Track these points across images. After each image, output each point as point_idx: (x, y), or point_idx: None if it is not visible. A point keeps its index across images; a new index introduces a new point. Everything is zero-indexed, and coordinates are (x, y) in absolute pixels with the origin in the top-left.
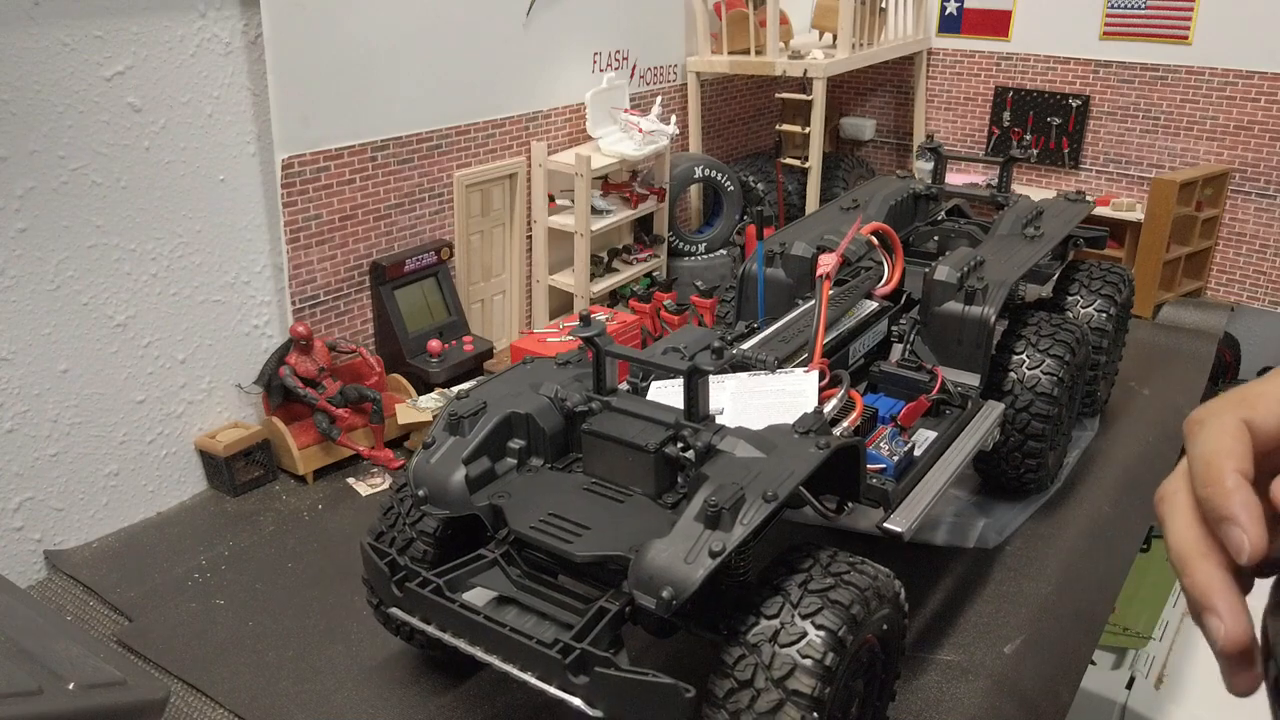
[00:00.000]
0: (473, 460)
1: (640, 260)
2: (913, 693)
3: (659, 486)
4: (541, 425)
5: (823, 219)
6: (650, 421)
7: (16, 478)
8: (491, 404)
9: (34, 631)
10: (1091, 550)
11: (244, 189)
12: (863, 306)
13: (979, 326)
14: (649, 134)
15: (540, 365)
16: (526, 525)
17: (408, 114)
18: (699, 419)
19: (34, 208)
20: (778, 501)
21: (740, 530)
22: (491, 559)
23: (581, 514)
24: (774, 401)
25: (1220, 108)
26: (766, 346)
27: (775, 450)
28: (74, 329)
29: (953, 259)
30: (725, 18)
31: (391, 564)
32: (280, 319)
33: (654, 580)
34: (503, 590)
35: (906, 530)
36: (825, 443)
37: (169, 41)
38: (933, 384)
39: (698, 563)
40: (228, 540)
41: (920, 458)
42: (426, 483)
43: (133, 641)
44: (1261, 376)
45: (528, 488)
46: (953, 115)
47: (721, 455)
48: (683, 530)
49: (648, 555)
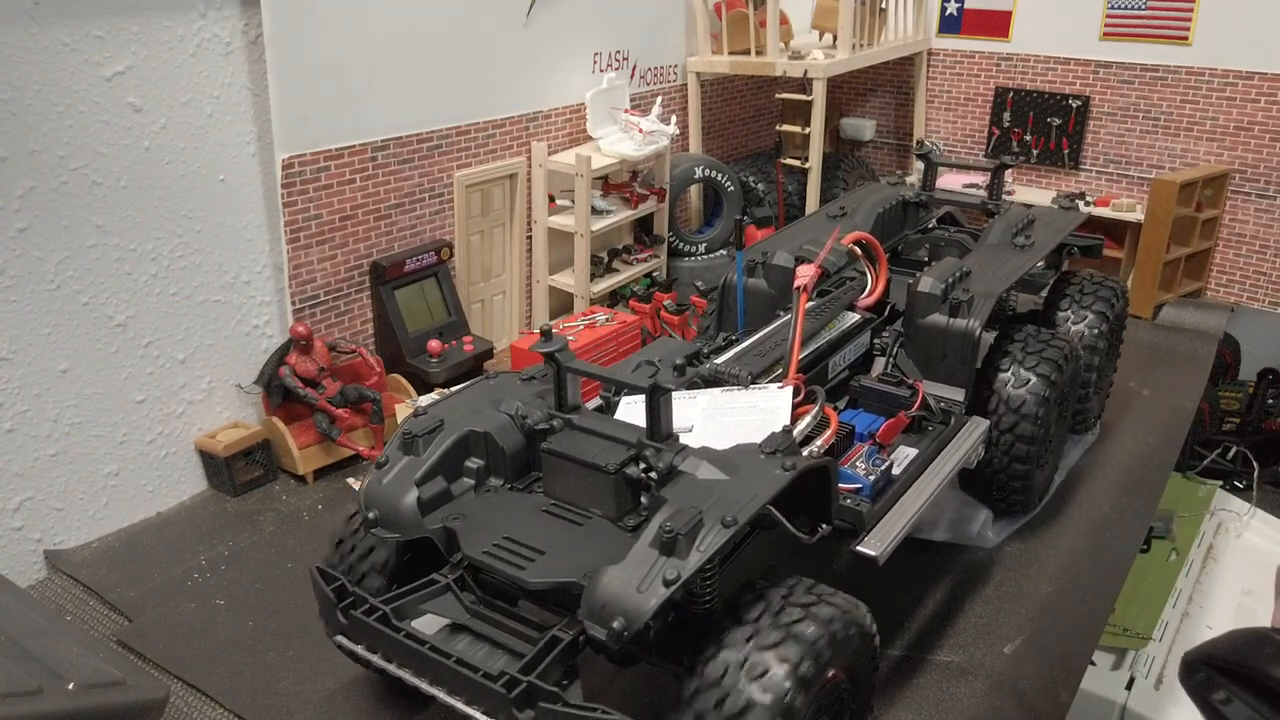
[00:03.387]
0: (427, 481)
1: (640, 260)
2: (913, 693)
3: (620, 509)
4: (500, 444)
5: (808, 226)
6: (612, 441)
7: (16, 478)
8: (449, 422)
9: (34, 631)
10: (1091, 550)
11: (244, 189)
12: (844, 319)
13: (963, 340)
14: (649, 134)
15: (504, 381)
16: (479, 550)
17: (408, 114)
18: (661, 438)
19: (34, 208)
20: (736, 526)
21: (697, 557)
22: (444, 584)
23: (538, 538)
24: (745, 419)
25: (1220, 108)
26: (742, 360)
27: (739, 472)
28: (74, 329)
29: (937, 270)
30: (725, 18)
31: (339, 589)
32: (280, 319)
33: (605, 610)
34: (455, 617)
35: (881, 554)
36: (791, 464)
37: (169, 41)
38: (913, 400)
39: (650, 592)
40: (228, 540)
41: (899, 476)
42: (378, 505)
43: (133, 641)
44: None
45: (484, 509)
46: (953, 116)
47: (683, 477)
48: (637, 557)
49: (600, 583)
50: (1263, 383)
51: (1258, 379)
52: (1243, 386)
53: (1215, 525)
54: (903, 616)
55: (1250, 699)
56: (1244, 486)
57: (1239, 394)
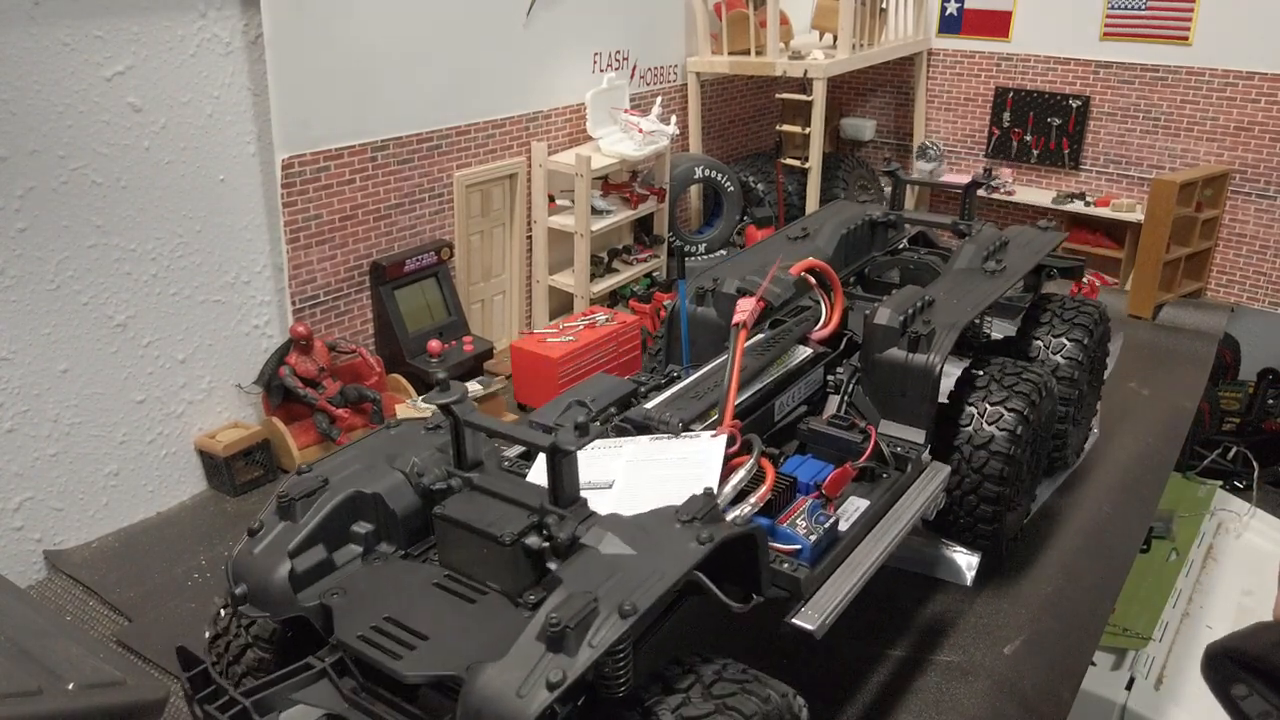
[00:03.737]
0: (303, 550)
1: (640, 260)
2: (913, 693)
3: (518, 583)
4: (392, 506)
5: (768, 249)
6: (514, 504)
7: (16, 478)
8: (334, 481)
9: (34, 631)
10: (1091, 550)
11: (244, 189)
12: (796, 353)
13: (923, 377)
14: (649, 134)
15: (405, 431)
16: (354, 634)
17: (408, 114)
18: (565, 504)
19: (34, 208)
20: (635, 616)
21: (587, 653)
22: (320, 669)
23: (423, 619)
24: (672, 473)
25: (1220, 108)
26: (676, 404)
27: (649, 545)
28: (74, 329)
29: (896, 299)
30: (725, 18)
31: (196, 678)
32: (280, 319)
33: (482, 715)
34: (332, 707)
35: (818, 627)
36: (708, 536)
37: (169, 41)
38: (865, 446)
39: (530, 697)
40: (228, 540)
41: (845, 533)
42: (246, 579)
43: (132, 641)
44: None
45: (370, 582)
46: (953, 116)
47: (584, 551)
48: (520, 653)
49: (478, 683)
50: (1263, 383)
51: (1258, 379)
52: (1243, 386)
53: (1215, 525)
54: (903, 616)
55: (1266, 692)
56: (1244, 486)
57: (1239, 394)
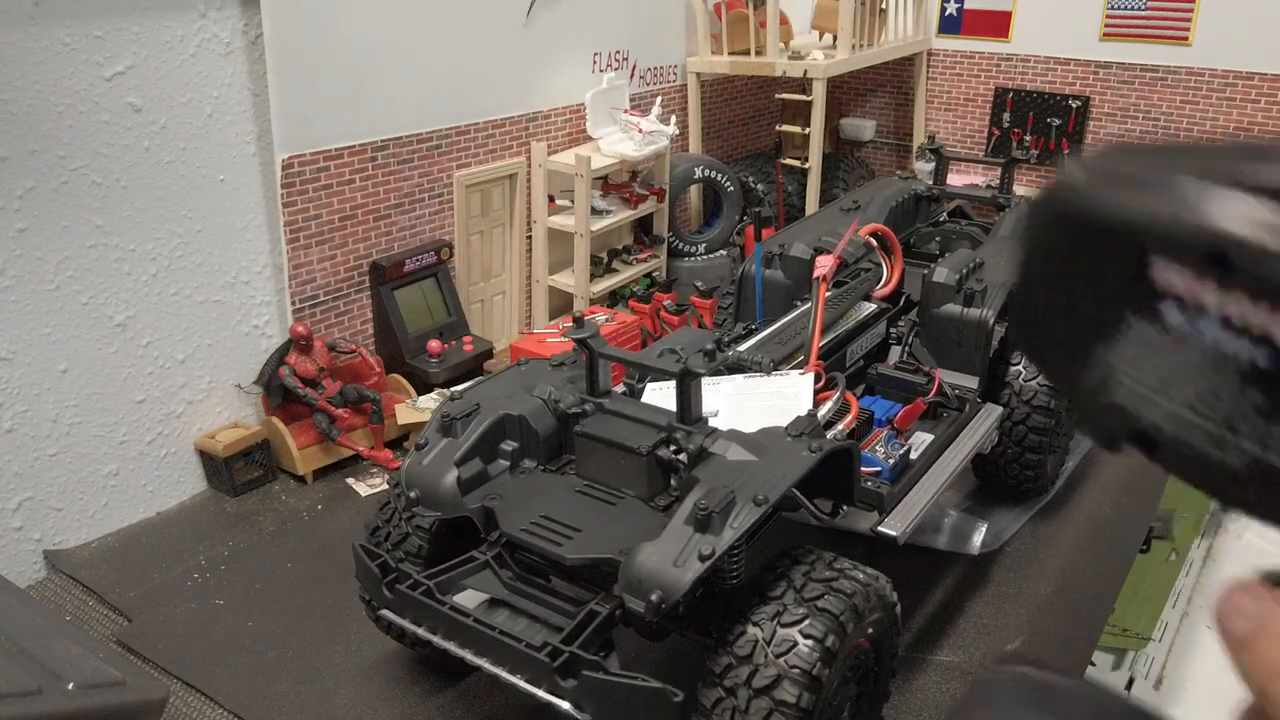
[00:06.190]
0: (465, 462)
1: (640, 261)
2: (912, 693)
3: (651, 489)
4: (535, 427)
5: (822, 220)
6: (643, 424)
7: (16, 478)
8: (485, 406)
9: (34, 632)
10: (1091, 550)
11: (244, 189)
12: (861, 308)
13: (977, 329)
14: (649, 134)
15: (535, 367)
16: (518, 528)
17: (408, 114)
18: (691, 422)
19: (34, 208)
20: (768, 505)
21: (730, 534)
22: (483, 561)
23: (573, 516)
24: (769, 404)
25: (1220, 109)
26: (763, 348)
27: (767, 453)
28: (74, 329)
29: (951, 260)
30: (725, 18)
31: (383, 565)
32: (280, 319)
33: (643, 584)
34: (494, 592)
35: (901, 534)
36: (818, 446)
37: (169, 41)
38: (930, 386)
39: (687, 566)
40: (227, 540)
41: (916, 461)
42: (418, 484)
43: (132, 641)
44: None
45: (520, 490)
46: (953, 116)
47: (713, 458)
48: (673, 533)
49: (637, 558)
50: None
51: None
52: None
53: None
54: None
55: None
56: None
57: None
